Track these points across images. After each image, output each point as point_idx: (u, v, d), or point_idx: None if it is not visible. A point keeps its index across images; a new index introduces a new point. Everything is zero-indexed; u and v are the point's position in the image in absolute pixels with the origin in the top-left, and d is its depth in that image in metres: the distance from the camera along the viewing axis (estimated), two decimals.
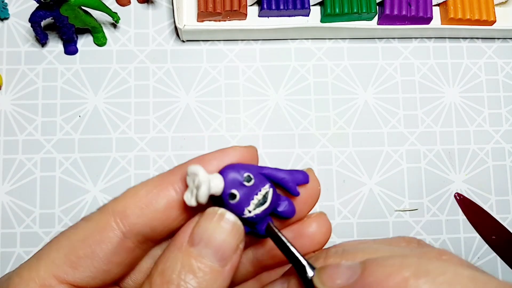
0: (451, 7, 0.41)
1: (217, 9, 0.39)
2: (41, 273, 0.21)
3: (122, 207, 0.21)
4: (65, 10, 0.36)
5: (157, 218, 0.21)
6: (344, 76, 0.42)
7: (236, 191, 0.21)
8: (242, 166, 0.21)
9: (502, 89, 0.43)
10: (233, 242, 0.20)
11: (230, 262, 0.20)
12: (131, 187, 0.22)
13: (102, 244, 0.21)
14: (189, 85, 0.41)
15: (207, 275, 0.20)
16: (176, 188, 0.21)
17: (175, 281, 0.20)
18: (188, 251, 0.20)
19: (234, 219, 0.21)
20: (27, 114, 0.39)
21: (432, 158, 0.41)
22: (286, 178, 0.22)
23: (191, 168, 0.20)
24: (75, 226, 0.22)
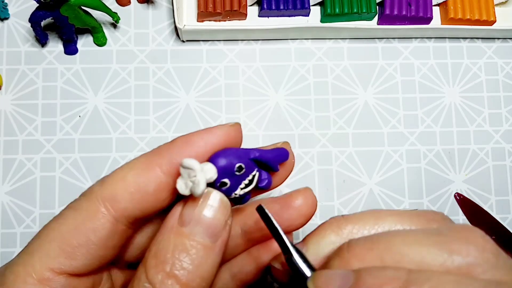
0: (451, 7, 0.41)
1: (217, 9, 0.39)
2: (37, 268, 0.21)
3: (111, 193, 0.21)
4: (65, 10, 0.36)
5: (147, 201, 0.22)
6: (344, 76, 0.42)
7: (227, 180, 0.21)
8: (234, 154, 0.22)
9: (502, 89, 0.43)
10: (222, 218, 0.21)
11: (220, 238, 0.21)
12: (117, 170, 0.22)
13: (95, 232, 0.21)
14: (189, 85, 0.41)
15: (199, 252, 0.20)
16: (164, 170, 0.22)
17: (169, 260, 0.20)
18: (180, 231, 0.21)
19: (221, 196, 0.21)
20: (27, 114, 0.39)
21: (432, 158, 0.41)
22: (270, 158, 0.23)
23: (186, 162, 0.20)
24: (62, 216, 0.22)
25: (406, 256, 0.19)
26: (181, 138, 0.22)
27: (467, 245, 0.18)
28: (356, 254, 0.20)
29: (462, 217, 0.40)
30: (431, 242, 0.19)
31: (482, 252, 0.18)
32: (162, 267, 0.20)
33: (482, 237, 0.19)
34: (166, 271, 0.20)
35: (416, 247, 0.19)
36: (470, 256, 0.18)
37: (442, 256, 0.18)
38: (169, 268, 0.20)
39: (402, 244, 0.19)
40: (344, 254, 0.20)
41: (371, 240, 0.20)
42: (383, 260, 0.19)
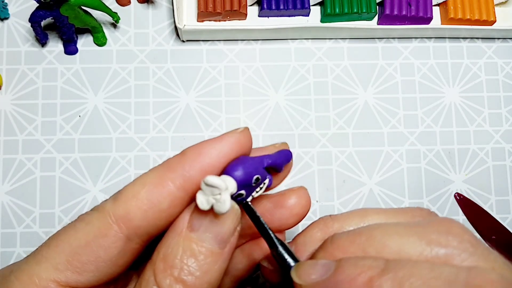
0: (451, 7, 0.41)
1: (217, 9, 0.39)
2: (43, 278, 0.20)
3: (124, 211, 0.21)
4: (65, 10, 0.36)
5: (161, 218, 0.21)
6: (344, 76, 0.42)
7: (244, 191, 0.21)
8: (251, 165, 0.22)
9: (502, 89, 0.43)
10: (232, 225, 0.21)
11: (228, 244, 0.21)
12: (129, 186, 0.22)
13: (107, 250, 0.21)
14: (189, 85, 0.41)
15: (208, 258, 0.20)
16: (177, 184, 0.21)
17: (177, 265, 0.20)
18: (189, 236, 0.21)
19: (233, 204, 0.21)
20: (27, 114, 0.39)
21: (432, 158, 0.41)
22: (278, 162, 0.23)
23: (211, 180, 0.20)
24: (73, 228, 0.22)
25: (387, 247, 0.19)
26: (192, 149, 0.22)
27: (446, 235, 0.19)
28: (339, 246, 0.20)
29: (462, 217, 0.40)
30: (411, 232, 0.19)
31: (460, 242, 0.19)
32: (171, 271, 0.20)
33: (461, 228, 0.19)
34: (174, 275, 0.20)
35: (396, 237, 0.19)
36: (449, 246, 0.19)
37: (421, 246, 0.19)
38: (177, 273, 0.20)
39: (383, 235, 0.20)
40: (328, 247, 0.21)
41: (354, 233, 0.21)
42: (365, 251, 0.20)
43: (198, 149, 0.22)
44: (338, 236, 0.21)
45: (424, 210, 0.22)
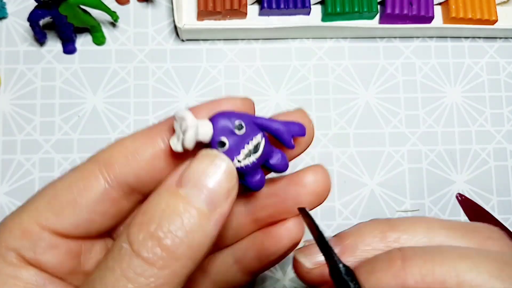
0: (453, 6, 0.40)
1: (217, 8, 0.38)
2: (24, 220, 0.20)
3: (108, 156, 0.21)
4: (64, 9, 0.36)
5: (143, 168, 0.20)
6: (345, 75, 0.41)
7: (225, 138, 0.19)
8: (234, 113, 0.20)
9: (504, 89, 0.42)
10: (225, 185, 0.19)
11: (219, 208, 0.19)
12: (119, 139, 0.22)
13: (85, 192, 0.20)
14: (189, 84, 0.40)
15: (193, 218, 0.18)
16: (164, 138, 0.21)
17: (156, 219, 0.18)
18: (175, 191, 0.19)
19: (228, 161, 0.19)
20: (26, 114, 0.39)
21: (434, 158, 0.41)
22: (281, 130, 0.21)
23: (178, 113, 0.19)
24: (62, 175, 0.21)
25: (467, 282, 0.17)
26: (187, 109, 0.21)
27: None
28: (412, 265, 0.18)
29: (464, 218, 0.40)
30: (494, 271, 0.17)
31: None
32: (147, 226, 0.18)
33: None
34: (150, 231, 0.18)
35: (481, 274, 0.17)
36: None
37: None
38: (154, 228, 0.18)
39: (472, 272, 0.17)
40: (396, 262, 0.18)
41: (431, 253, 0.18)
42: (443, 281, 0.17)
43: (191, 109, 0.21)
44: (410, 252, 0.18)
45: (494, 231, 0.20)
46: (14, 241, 0.20)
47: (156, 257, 0.17)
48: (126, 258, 0.18)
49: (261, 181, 0.21)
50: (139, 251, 0.18)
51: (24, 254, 0.20)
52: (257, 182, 0.21)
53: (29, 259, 0.20)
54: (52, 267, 0.20)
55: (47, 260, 0.20)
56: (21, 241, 0.20)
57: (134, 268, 0.17)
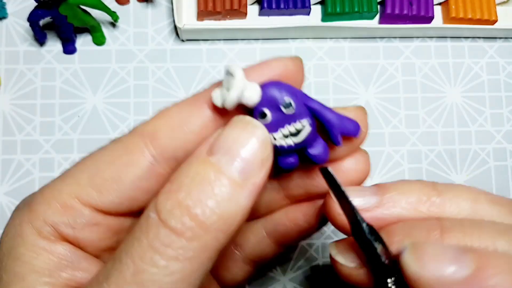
0: (453, 6, 0.40)
1: (217, 8, 0.38)
2: (64, 193, 0.19)
3: (153, 128, 0.19)
4: (64, 9, 0.36)
5: (191, 140, 0.19)
6: (345, 75, 0.41)
7: (268, 110, 0.18)
8: (289, 88, 0.18)
9: (503, 89, 0.42)
10: (259, 154, 0.17)
11: (253, 178, 0.17)
12: (164, 108, 0.20)
13: (129, 168, 0.19)
14: (189, 85, 0.40)
15: (224, 187, 0.17)
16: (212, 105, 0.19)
17: (185, 188, 0.17)
18: (206, 159, 0.17)
19: (263, 129, 0.18)
20: (26, 114, 0.39)
21: (434, 158, 0.41)
22: (333, 122, 0.19)
23: (230, 67, 0.17)
24: (103, 147, 0.20)
25: None
26: None
27: None
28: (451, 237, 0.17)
29: None
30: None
31: None
32: (175, 194, 0.17)
33: None
34: (178, 199, 0.16)
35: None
36: None
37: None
38: (182, 196, 0.16)
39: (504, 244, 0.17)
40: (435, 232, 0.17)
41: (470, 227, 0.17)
42: None
43: None
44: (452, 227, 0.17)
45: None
46: (52, 216, 0.19)
47: (184, 227, 0.16)
48: (153, 228, 0.16)
49: (292, 164, 0.19)
50: (166, 220, 0.16)
51: (62, 230, 0.19)
52: (288, 164, 0.19)
53: (67, 235, 0.19)
54: (90, 244, 0.20)
55: (86, 237, 0.19)
56: (60, 216, 0.19)
57: (161, 238, 0.16)
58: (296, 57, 0.20)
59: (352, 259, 0.19)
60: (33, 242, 0.19)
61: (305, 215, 0.23)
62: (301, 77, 0.20)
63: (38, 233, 0.19)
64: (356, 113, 0.21)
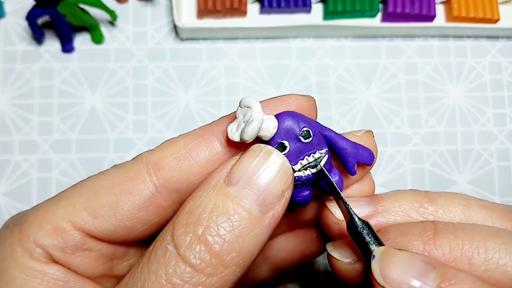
0: (455, 5, 0.40)
1: (217, 6, 0.38)
2: (57, 215, 0.19)
3: (158, 157, 0.19)
4: (63, 8, 0.35)
5: (196, 173, 0.18)
6: (346, 75, 0.41)
7: (287, 142, 0.18)
8: (304, 118, 0.18)
9: (506, 88, 0.42)
10: (279, 185, 0.17)
11: (272, 211, 0.17)
12: (170, 138, 0.19)
13: (129, 195, 0.18)
14: (189, 84, 0.40)
15: (243, 220, 0.16)
16: (221, 139, 0.18)
17: (204, 221, 0.16)
18: (224, 190, 0.17)
19: (283, 159, 0.17)
20: (24, 113, 0.39)
21: (436, 158, 0.40)
22: (348, 151, 0.19)
23: (246, 99, 0.17)
24: (104, 172, 0.20)
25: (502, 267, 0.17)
26: None
27: None
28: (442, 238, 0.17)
29: None
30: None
31: None
32: (194, 228, 0.16)
33: None
34: (197, 233, 0.16)
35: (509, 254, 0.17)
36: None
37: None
38: (201, 231, 0.16)
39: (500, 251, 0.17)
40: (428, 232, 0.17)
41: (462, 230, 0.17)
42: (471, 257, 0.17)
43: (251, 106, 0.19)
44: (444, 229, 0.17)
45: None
46: (43, 237, 0.18)
47: (204, 263, 0.16)
48: (171, 263, 0.16)
49: (308, 197, 0.19)
50: (185, 256, 0.16)
51: (52, 253, 0.19)
52: (304, 197, 0.19)
53: (57, 258, 0.19)
54: (81, 269, 0.19)
55: (77, 262, 0.19)
56: (50, 239, 0.18)
57: (180, 274, 0.16)
58: (309, 96, 0.20)
59: (347, 255, 0.19)
60: (25, 264, 0.18)
61: (306, 241, 0.23)
62: (314, 115, 0.19)
63: (29, 254, 0.18)
64: (367, 139, 0.21)
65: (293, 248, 0.24)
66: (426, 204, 0.19)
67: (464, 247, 0.17)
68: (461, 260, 0.17)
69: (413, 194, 0.20)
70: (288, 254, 0.24)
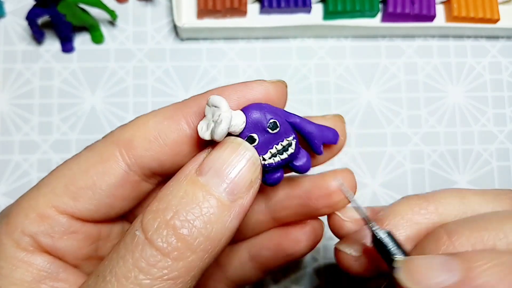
0: (455, 5, 0.40)
1: (217, 6, 0.38)
2: (40, 203, 0.19)
3: (129, 137, 0.20)
4: (63, 7, 0.35)
5: (166, 153, 0.19)
6: (346, 75, 0.41)
7: (256, 135, 0.19)
8: (270, 109, 0.19)
9: (506, 88, 0.42)
10: (247, 175, 0.18)
11: (241, 200, 0.18)
12: (141, 116, 0.20)
13: (104, 176, 0.19)
14: (189, 84, 0.40)
15: (212, 208, 0.17)
16: (189, 121, 0.19)
17: (173, 207, 0.17)
18: (195, 179, 0.18)
19: (252, 151, 0.18)
20: (24, 113, 0.39)
21: (436, 159, 0.40)
22: (314, 134, 0.20)
23: (213, 99, 0.18)
24: (78, 155, 0.20)
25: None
26: (213, 90, 0.20)
27: None
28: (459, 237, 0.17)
29: None
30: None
31: None
32: (163, 213, 0.17)
33: None
34: (166, 219, 0.17)
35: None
36: None
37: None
38: (170, 216, 0.17)
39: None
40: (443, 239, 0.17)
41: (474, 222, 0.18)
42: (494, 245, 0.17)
43: (220, 90, 0.20)
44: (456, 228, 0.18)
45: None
46: (30, 226, 0.19)
47: (171, 247, 0.16)
48: (139, 247, 0.16)
49: (279, 179, 0.20)
50: (153, 240, 0.16)
51: (40, 240, 0.19)
52: (275, 179, 0.20)
53: (45, 245, 0.19)
54: (69, 253, 0.20)
55: (65, 245, 0.20)
56: (38, 226, 0.19)
57: (147, 258, 0.16)
58: (280, 81, 0.20)
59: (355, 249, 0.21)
60: (12, 254, 0.19)
61: (292, 240, 0.24)
62: (283, 102, 0.20)
63: (16, 245, 0.19)
64: (334, 122, 0.22)
65: (277, 247, 0.24)
66: (425, 204, 0.20)
67: (484, 238, 0.17)
68: None
69: (408, 201, 0.21)
70: (272, 253, 0.24)
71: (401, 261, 0.17)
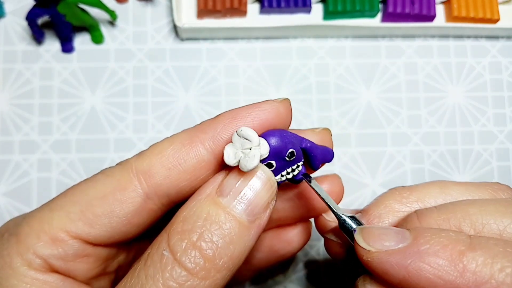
0: (455, 5, 0.40)
1: (217, 6, 0.38)
2: (53, 226, 0.19)
3: (147, 166, 0.20)
4: (63, 8, 0.35)
5: (185, 178, 0.20)
6: (346, 75, 0.41)
7: (274, 162, 0.20)
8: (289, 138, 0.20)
9: (506, 88, 0.42)
10: (265, 197, 0.19)
11: (259, 220, 0.19)
12: (157, 143, 0.21)
13: (123, 204, 0.20)
14: (189, 84, 0.40)
15: (233, 229, 0.18)
16: (207, 146, 0.20)
17: (198, 229, 0.18)
18: (216, 200, 0.19)
19: (269, 174, 0.19)
20: (24, 113, 0.39)
21: (436, 159, 0.40)
22: (318, 157, 0.22)
23: (245, 131, 0.19)
24: (93, 180, 0.21)
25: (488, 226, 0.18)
26: (226, 113, 0.21)
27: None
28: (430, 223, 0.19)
29: None
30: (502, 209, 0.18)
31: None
32: (189, 235, 0.18)
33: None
34: (192, 240, 0.18)
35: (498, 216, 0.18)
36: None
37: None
38: (196, 237, 0.18)
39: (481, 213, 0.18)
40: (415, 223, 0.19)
41: (445, 209, 0.19)
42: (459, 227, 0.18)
43: (233, 114, 0.21)
44: (427, 211, 0.19)
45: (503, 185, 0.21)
46: (43, 249, 0.19)
47: (198, 267, 0.17)
48: (168, 267, 0.17)
49: None
50: (181, 261, 0.17)
51: (53, 263, 0.19)
52: None
53: (57, 267, 0.20)
54: (80, 274, 0.20)
55: (76, 268, 0.20)
56: (51, 249, 0.19)
57: (176, 277, 0.17)
58: (285, 99, 0.22)
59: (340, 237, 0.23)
60: (24, 273, 0.19)
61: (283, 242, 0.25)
62: (290, 117, 0.22)
63: (28, 264, 0.19)
64: (322, 135, 0.23)
65: (269, 249, 0.25)
66: (407, 194, 0.21)
67: (450, 220, 0.18)
68: None
69: (392, 191, 0.22)
70: (265, 255, 0.25)
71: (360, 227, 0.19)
